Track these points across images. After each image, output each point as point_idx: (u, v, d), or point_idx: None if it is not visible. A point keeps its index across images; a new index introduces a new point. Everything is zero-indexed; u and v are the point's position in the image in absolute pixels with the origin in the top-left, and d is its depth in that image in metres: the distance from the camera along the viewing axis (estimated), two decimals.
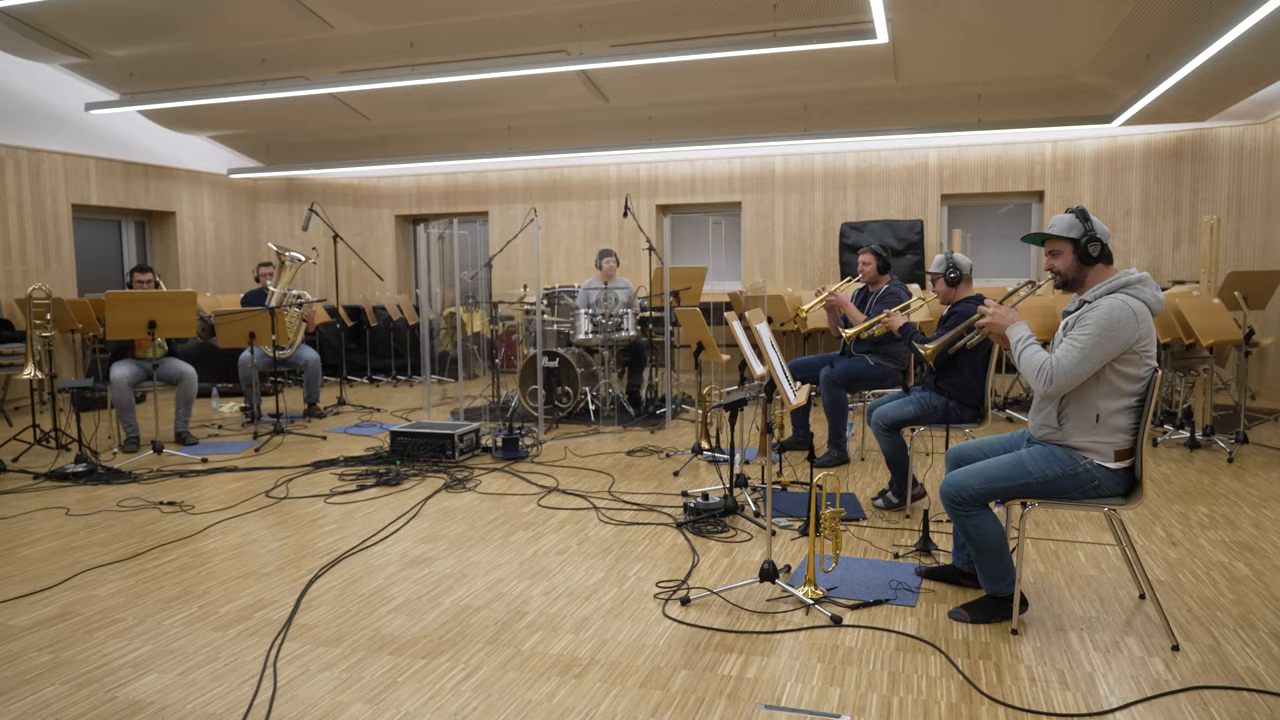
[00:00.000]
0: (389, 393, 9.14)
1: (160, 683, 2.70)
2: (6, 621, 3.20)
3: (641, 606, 3.25)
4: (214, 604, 3.34)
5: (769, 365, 3.28)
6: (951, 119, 8.65)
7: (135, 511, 4.63)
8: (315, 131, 10.22)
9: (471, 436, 5.84)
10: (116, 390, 6.15)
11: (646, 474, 5.32)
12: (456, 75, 7.48)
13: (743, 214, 10.11)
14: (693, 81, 8.18)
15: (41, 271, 8.58)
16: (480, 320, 9.81)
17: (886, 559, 3.73)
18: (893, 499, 4.46)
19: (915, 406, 4.26)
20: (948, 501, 3.00)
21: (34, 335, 5.93)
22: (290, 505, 4.73)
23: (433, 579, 3.58)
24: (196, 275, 10.43)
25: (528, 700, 2.56)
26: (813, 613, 3.15)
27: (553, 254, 10.73)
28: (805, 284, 9.83)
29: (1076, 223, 2.90)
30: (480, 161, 10.57)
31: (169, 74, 8.47)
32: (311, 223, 8.01)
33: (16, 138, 8.40)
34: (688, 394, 8.37)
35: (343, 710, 2.52)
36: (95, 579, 3.63)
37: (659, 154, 10.13)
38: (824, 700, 2.54)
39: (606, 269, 7.48)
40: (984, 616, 3.06)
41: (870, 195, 9.66)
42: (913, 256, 9.38)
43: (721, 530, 4.14)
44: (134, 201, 9.65)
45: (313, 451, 6.08)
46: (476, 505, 4.67)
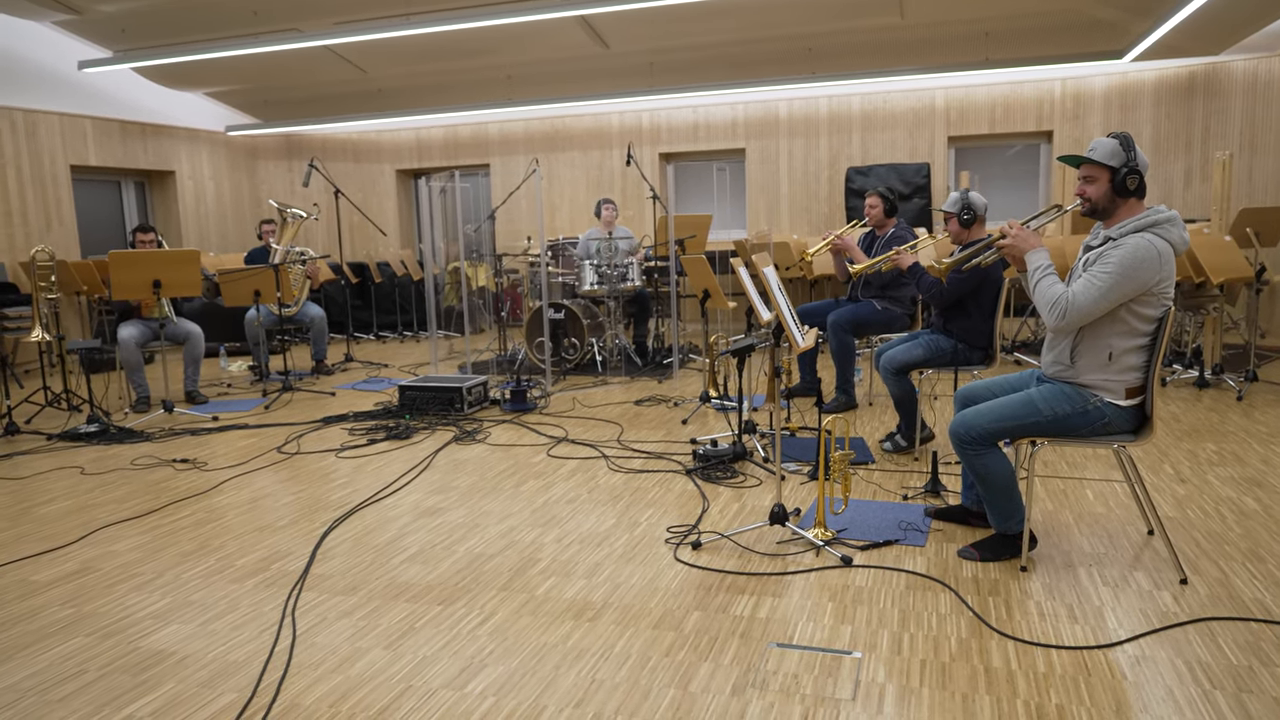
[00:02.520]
0: (395, 348, 9.15)
1: (181, 633, 2.75)
2: (28, 578, 3.24)
3: (653, 551, 3.28)
4: (231, 557, 3.38)
5: (776, 309, 3.27)
6: (958, 58, 8.49)
7: (149, 469, 4.67)
8: (312, 86, 10.09)
9: (480, 389, 5.85)
10: (125, 351, 6.16)
11: (655, 423, 5.33)
12: (452, 24, 7.34)
13: (747, 160, 9.99)
14: (693, 25, 8.02)
15: (43, 234, 8.56)
16: (485, 274, 9.77)
17: (896, 501, 3.75)
18: (901, 442, 4.47)
19: (924, 349, 4.25)
20: (957, 441, 3.01)
21: (40, 298, 5.93)
22: (302, 460, 4.76)
23: (445, 529, 3.61)
24: (199, 235, 10.39)
25: (543, 643, 2.60)
26: (823, 554, 3.18)
27: (556, 205, 10.65)
28: (811, 230, 9.75)
29: (1119, 150, 2.79)
30: (480, 113, 10.44)
31: (161, 29, 8.35)
32: (312, 179, 7.95)
33: (11, 98, 8.31)
34: (694, 343, 8.36)
35: (361, 656, 2.56)
36: (113, 535, 3.68)
37: (661, 101, 9.99)
38: (835, 638, 2.57)
39: (606, 217, 7.42)
40: (993, 554, 3.08)
41: (876, 139, 9.53)
42: (919, 200, 9.28)
43: (731, 476, 4.16)
44: (132, 161, 9.58)
45: (322, 408, 6.11)
46: (486, 456, 4.70)
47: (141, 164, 9.70)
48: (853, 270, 4.75)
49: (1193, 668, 2.34)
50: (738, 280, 4.05)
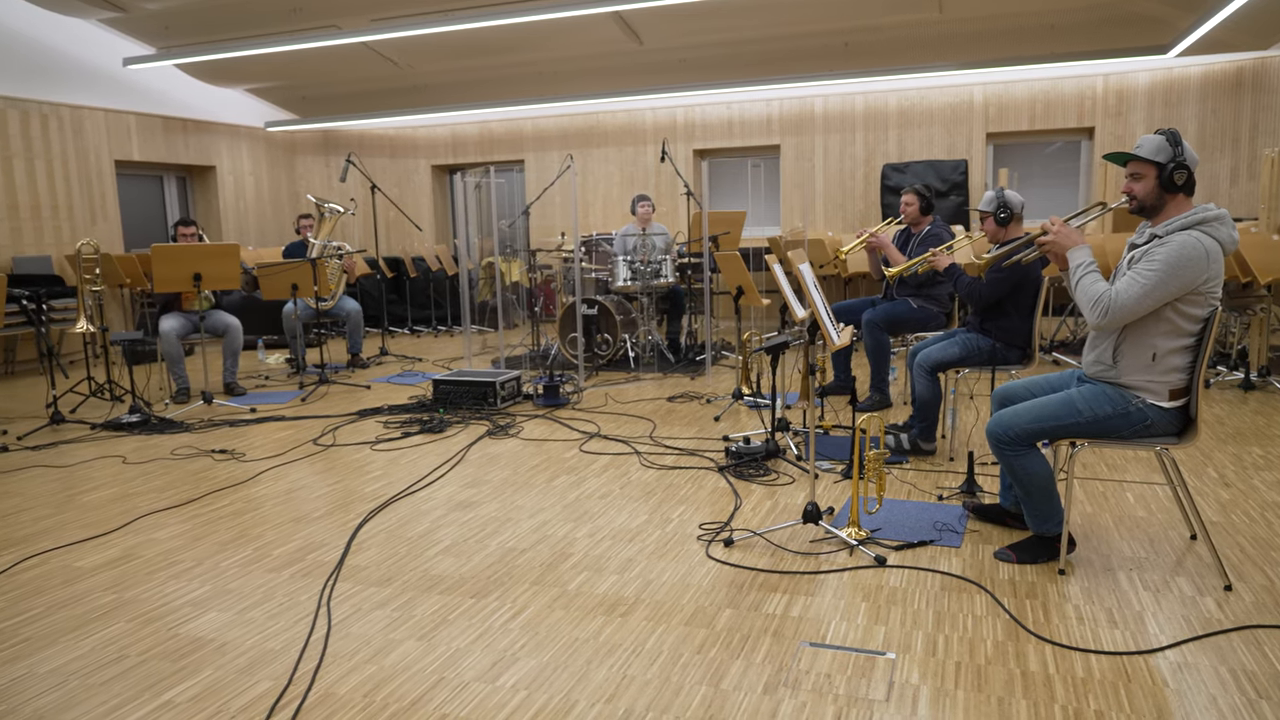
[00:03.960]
0: (430, 343, 9.23)
1: (220, 620, 2.79)
2: (72, 563, 3.32)
3: (685, 548, 3.28)
4: (268, 547, 3.43)
5: (812, 306, 3.24)
6: (998, 54, 8.37)
7: (189, 459, 4.75)
8: (350, 82, 10.20)
9: (513, 384, 5.88)
10: (166, 343, 6.27)
11: (687, 419, 5.32)
12: (489, 20, 7.38)
13: (782, 157, 9.93)
14: (728, 20, 7.99)
15: (88, 228, 8.73)
16: (518, 269, 9.82)
17: (930, 501, 3.71)
18: (905, 445, 4.37)
19: (960, 348, 4.19)
20: (994, 441, 2.96)
21: (85, 290, 6.05)
22: (337, 452, 4.82)
23: (478, 522, 3.63)
24: (238, 229, 10.55)
25: (575, 638, 2.60)
26: (856, 553, 3.15)
27: (590, 201, 10.66)
28: (846, 227, 9.67)
29: (1166, 146, 2.73)
30: (515, 109, 10.48)
31: (203, 26, 8.48)
32: (349, 174, 8.03)
33: (58, 94, 8.49)
34: (727, 340, 8.33)
35: (395, 647, 2.58)
36: (154, 523, 3.74)
37: (695, 97, 9.96)
38: (869, 638, 2.55)
39: (642, 214, 7.41)
40: (1030, 557, 3.03)
41: (913, 135, 9.42)
42: (956, 197, 9.17)
43: (763, 474, 4.14)
44: (175, 156, 9.75)
45: (357, 400, 6.18)
46: (519, 451, 4.72)
47: (183, 159, 9.86)
48: (889, 273, 4.70)
49: (1237, 676, 2.28)
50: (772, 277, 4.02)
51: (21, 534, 3.65)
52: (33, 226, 8.26)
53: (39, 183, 8.31)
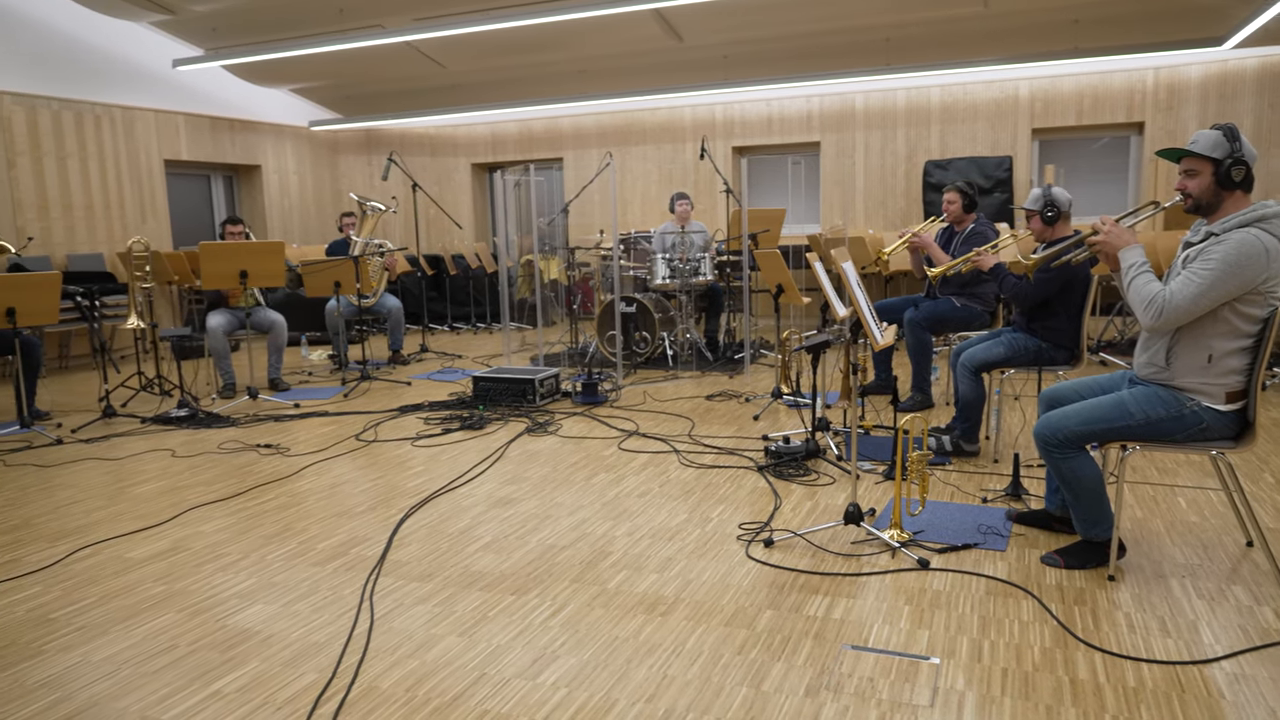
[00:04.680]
0: (469, 340, 9.30)
1: (265, 613, 2.84)
2: (124, 554, 3.39)
3: (725, 547, 3.26)
4: (312, 541, 3.48)
5: (855, 305, 3.21)
6: (1044, 47, 8.21)
7: (235, 453, 4.84)
8: (392, 81, 10.30)
9: (551, 381, 5.90)
10: (213, 339, 6.39)
11: (726, 418, 5.30)
12: (531, 18, 7.40)
13: (822, 154, 9.85)
14: (769, 16, 7.93)
15: (139, 225, 8.92)
16: (557, 267, 9.85)
17: (974, 503, 3.65)
18: (948, 446, 4.32)
19: (1005, 348, 4.12)
20: (1042, 443, 2.91)
21: (135, 287, 6.18)
22: (379, 448, 4.87)
23: (518, 519, 3.65)
24: (282, 227, 10.71)
25: (615, 636, 2.60)
26: (899, 556, 3.12)
27: (628, 199, 10.66)
28: (887, 225, 9.57)
29: (1223, 141, 2.65)
30: (554, 107, 10.51)
31: (250, 27, 8.62)
32: (390, 172, 8.12)
33: (110, 96, 8.69)
34: (765, 338, 8.28)
35: (437, 642, 2.60)
36: (201, 516, 3.81)
37: (734, 94, 9.91)
38: (912, 642, 2.51)
39: (681, 212, 7.40)
40: (1079, 562, 2.97)
41: (956, 131, 9.29)
42: (1000, 195, 9.02)
43: (803, 474, 4.10)
44: (221, 156, 9.93)
45: (398, 397, 6.24)
46: (558, 448, 4.73)
47: (230, 158, 10.04)
48: (931, 273, 4.64)
49: None
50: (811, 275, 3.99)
51: (75, 524, 3.75)
52: (86, 225, 8.46)
53: (92, 182, 8.51)
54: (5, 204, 7.77)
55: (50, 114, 8.13)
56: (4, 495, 4.19)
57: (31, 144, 7.98)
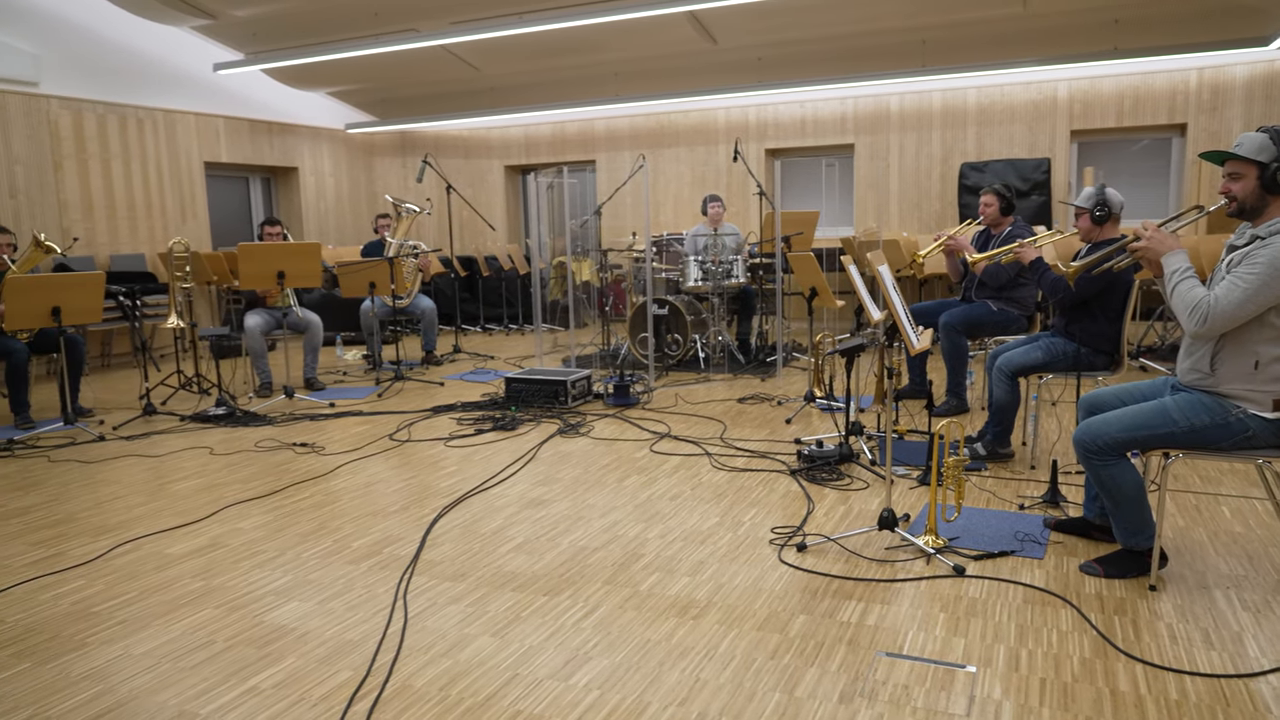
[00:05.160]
0: (501, 341, 9.35)
1: (301, 610, 2.87)
2: (164, 550, 3.45)
3: (757, 551, 3.25)
4: (346, 539, 3.51)
5: (891, 309, 3.18)
6: (1084, 48, 8.09)
7: (271, 452, 4.90)
8: (427, 84, 10.39)
9: (583, 383, 5.91)
10: (250, 338, 6.48)
11: (758, 421, 5.28)
12: (565, 21, 7.44)
13: (856, 156, 9.78)
14: (804, 18, 7.90)
15: (179, 226, 9.08)
16: (589, 269, 9.87)
17: (1011, 510, 3.60)
18: (981, 450, 4.26)
19: (1043, 352, 4.06)
20: (1082, 450, 2.86)
21: (175, 287, 6.30)
22: (412, 448, 4.91)
23: (550, 520, 3.66)
24: (318, 228, 10.84)
25: (647, 639, 2.60)
26: (934, 562, 3.08)
27: (660, 201, 10.66)
28: (921, 228, 9.48)
29: (1269, 144, 2.59)
30: (587, 109, 10.54)
31: (289, 31, 8.74)
32: (425, 174, 8.19)
33: (153, 99, 8.85)
34: (798, 341, 8.24)
35: (470, 642, 2.62)
36: (239, 513, 3.87)
37: (768, 96, 9.87)
38: (948, 650, 2.48)
39: (713, 214, 7.38)
40: (1119, 571, 2.92)
41: (992, 133, 9.18)
42: (1038, 197, 8.90)
43: (837, 478, 4.08)
44: (260, 158, 10.07)
45: (431, 397, 6.29)
46: (590, 450, 4.74)
47: (268, 160, 10.18)
48: (971, 260, 4.57)
49: None
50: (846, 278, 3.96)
51: (117, 520, 3.82)
52: (128, 225, 8.62)
53: (134, 183, 8.68)
54: (51, 205, 7.95)
55: (95, 117, 8.30)
56: (49, 490, 4.29)
57: (77, 146, 8.15)
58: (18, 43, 7.71)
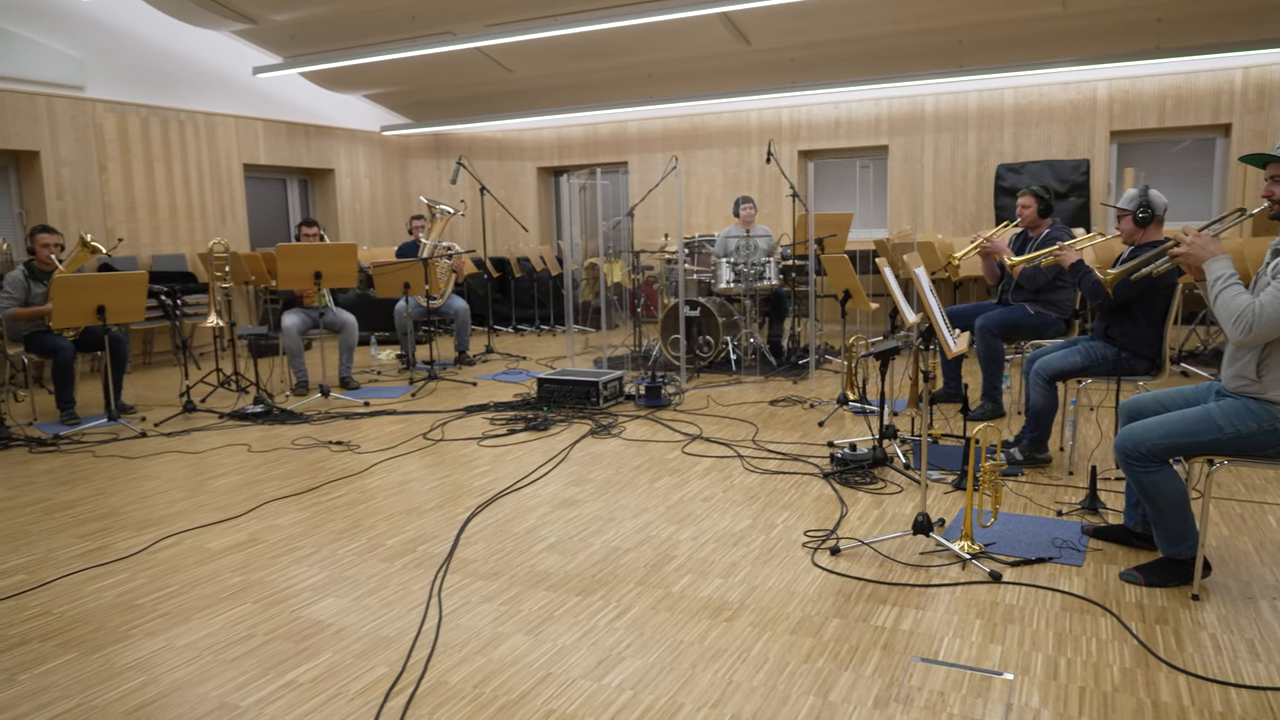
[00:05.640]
0: (533, 341, 9.39)
1: (337, 606, 2.91)
2: (204, 544, 3.51)
3: (790, 554, 3.23)
4: (381, 537, 3.55)
5: (928, 311, 3.15)
6: (1125, 47, 7.96)
7: (307, 450, 4.97)
8: (461, 86, 10.47)
9: (615, 384, 5.92)
10: (287, 338, 6.57)
11: (790, 424, 5.26)
12: (599, 23, 7.46)
13: (890, 157, 9.70)
14: (838, 19, 7.85)
15: (219, 227, 9.23)
16: (620, 270, 9.88)
17: (1049, 516, 3.55)
18: (1018, 455, 4.21)
19: (1082, 357, 4.00)
20: (1123, 456, 2.81)
21: (215, 287, 6.40)
22: (446, 447, 4.95)
23: (582, 520, 3.67)
24: (354, 229, 10.97)
25: (680, 641, 2.60)
26: (970, 568, 3.05)
27: (692, 203, 10.66)
28: (957, 230, 9.38)
29: None
30: (619, 111, 10.56)
31: (326, 35, 8.85)
32: (459, 176, 8.25)
33: (194, 102, 9.01)
34: (830, 344, 8.19)
35: (504, 640, 2.63)
36: (276, 510, 3.93)
37: (801, 98, 9.83)
38: (984, 657, 2.46)
39: (745, 216, 7.36)
40: (1160, 580, 2.87)
41: (1030, 134, 9.06)
42: (1077, 199, 8.77)
43: (870, 482, 4.05)
44: (297, 160, 10.21)
45: (464, 397, 6.34)
46: (622, 451, 4.75)
47: (305, 162, 10.32)
48: (1010, 264, 4.52)
49: None
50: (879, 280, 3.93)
51: (159, 515, 3.89)
52: (170, 226, 8.78)
53: (175, 185, 8.83)
54: (96, 206, 8.12)
55: (139, 120, 8.47)
56: (94, 485, 4.38)
57: (121, 149, 8.32)
58: (64, 47, 7.89)
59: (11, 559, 3.40)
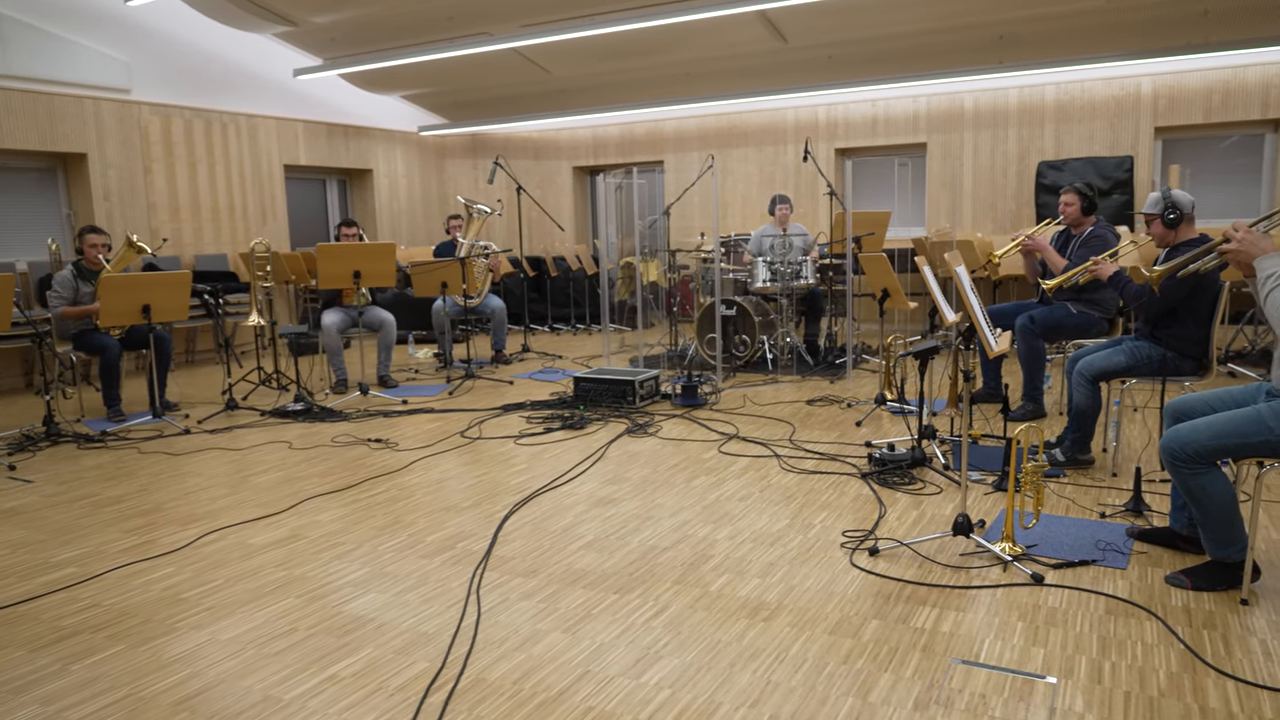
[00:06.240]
0: (569, 340, 9.43)
1: (378, 602, 2.94)
2: (247, 540, 3.57)
3: (828, 555, 3.22)
4: (420, 533, 3.59)
5: (969, 310, 3.12)
6: (1170, 41, 7.80)
7: (347, 447, 5.03)
8: (497, 87, 10.54)
9: (651, 383, 5.93)
10: (327, 336, 6.67)
11: (827, 423, 5.23)
12: (635, 23, 7.47)
13: (928, 155, 9.60)
14: (876, 16, 7.79)
15: (260, 228, 9.38)
16: (656, 270, 9.89)
17: (1092, 518, 3.50)
18: (1059, 456, 4.15)
19: (1127, 357, 3.93)
20: (1169, 458, 2.76)
21: (256, 286, 6.51)
22: (483, 445, 4.99)
23: (619, 519, 3.68)
24: (392, 229, 11.08)
25: (717, 640, 2.60)
26: (1011, 569, 3.01)
27: (728, 201, 10.63)
28: (996, 228, 9.25)
29: None
30: (655, 110, 10.57)
31: (365, 37, 8.96)
32: (495, 176, 8.31)
33: (237, 104, 9.17)
34: (867, 343, 8.13)
35: (542, 637, 2.65)
36: (317, 506, 3.98)
37: (838, 95, 9.76)
38: (1026, 660, 2.42)
39: (781, 215, 7.33)
40: (1207, 584, 2.81)
41: (1071, 130, 8.91)
42: (1120, 196, 8.61)
43: (909, 482, 4.01)
44: (336, 161, 10.35)
45: (501, 395, 6.38)
46: (658, 450, 4.75)
47: (344, 163, 10.45)
48: (1046, 285, 4.46)
49: None
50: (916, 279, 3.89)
51: (203, 510, 3.96)
52: (212, 226, 8.94)
53: (218, 186, 8.99)
54: (141, 207, 8.29)
55: (183, 122, 8.63)
56: (140, 480, 4.47)
57: (165, 150, 8.49)
58: (111, 51, 8.06)
59: (63, 552, 3.49)
